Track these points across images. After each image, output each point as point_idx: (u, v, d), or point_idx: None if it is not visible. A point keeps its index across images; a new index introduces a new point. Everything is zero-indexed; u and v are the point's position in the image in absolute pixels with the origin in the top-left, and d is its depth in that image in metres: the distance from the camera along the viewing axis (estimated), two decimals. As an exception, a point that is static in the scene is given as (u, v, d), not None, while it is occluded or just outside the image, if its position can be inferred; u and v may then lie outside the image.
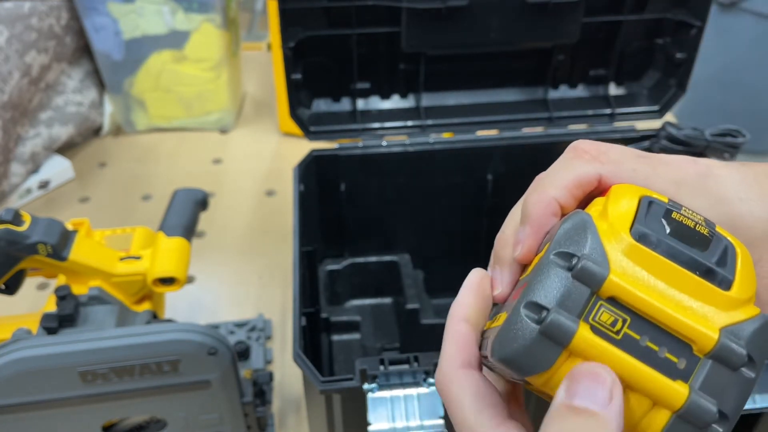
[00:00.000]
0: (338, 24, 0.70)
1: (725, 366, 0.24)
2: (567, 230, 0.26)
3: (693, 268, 0.25)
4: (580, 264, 0.25)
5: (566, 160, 0.30)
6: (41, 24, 0.94)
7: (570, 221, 0.27)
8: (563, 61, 0.76)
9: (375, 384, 0.48)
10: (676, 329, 0.25)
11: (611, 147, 0.30)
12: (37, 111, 0.98)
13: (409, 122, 0.76)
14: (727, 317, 0.25)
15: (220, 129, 1.11)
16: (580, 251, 0.25)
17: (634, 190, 0.28)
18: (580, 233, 0.26)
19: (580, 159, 0.30)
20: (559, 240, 0.26)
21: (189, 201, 0.65)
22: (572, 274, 0.25)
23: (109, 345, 0.48)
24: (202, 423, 0.54)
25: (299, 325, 0.52)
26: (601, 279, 0.24)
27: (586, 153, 0.30)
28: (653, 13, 0.73)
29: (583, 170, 0.29)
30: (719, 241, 0.26)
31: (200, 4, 0.98)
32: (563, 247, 0.26)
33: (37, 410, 0.49)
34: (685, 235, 0.26)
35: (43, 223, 0.55)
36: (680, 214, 0.27)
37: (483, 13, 0.69)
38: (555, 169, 0.30)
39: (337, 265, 0.79)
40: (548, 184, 0.29)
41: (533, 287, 0.25)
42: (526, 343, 0.25)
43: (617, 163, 0.30)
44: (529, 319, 0.25)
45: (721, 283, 0.25)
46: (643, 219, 0.26)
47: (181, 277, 0.58)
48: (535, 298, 0.25)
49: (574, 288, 0.25)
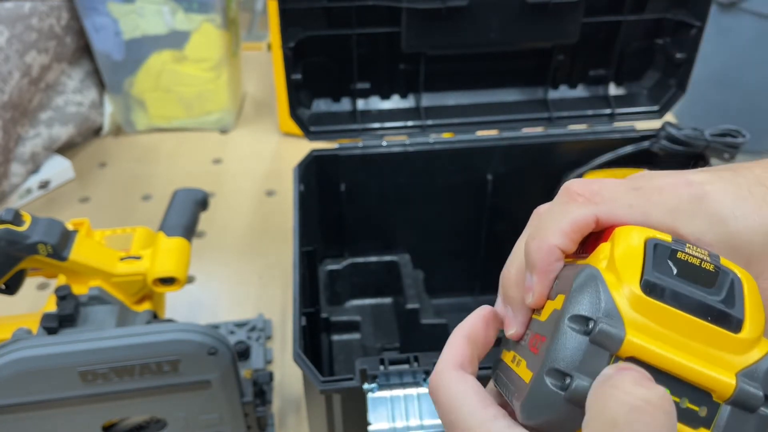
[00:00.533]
0: (338, 24, 0.70)
1: (744, 409, 0.25)
2: (577, 289, 0.27)
3: (704, 314, 0.26)
4: (597, 328, 0.25)
5: (561, 204, 0.30)
6: (41, 24, 0.94)
7: (579, 278, 0.27)
8: (563, 61, 0.76)
9: (375, 384, 0.48)
10: (695, 380, 0.25)
11: (603, 185, 0.30)
12: (37, 111, 0.98)
13: (409, 122, 0.76)
14: (741, 360, 0.26)
15: (220, 129, 1.11)
16: (594, 314, 0.26)
17: (637, 233, 0.28)
18: (592, 293, 0.26)
19: (574, 202, 0.30)
20: (571, 302, 0.26)
21: (189, 201, 0.65)
22: (590, 339, 0.25)
23: (109, 345, 0.48)
24: (202, 423, 0.54)
25: (299, 325, 0.52)
26: (618, 342, 0.25)
27: (579, 196, 0.30)
28: (653, 13, 0.73)
29: (579, 214, 0.29)
30: (725, 275, 0.27)
31: (200, 4, 0.98)
32: (577, 310, 0.26)
33: (37, 410, 0.49)
34: (693, 275, 0.27)
35: (44, 223, 0.55)
36: (685, 253, 0.27)
37: (483, 13, 0.69)
38: (551, 214, 0.30)
39: (337, 265, 0.79)
40: (547, 231, 0.30)
41: (553, 353, 0.26)
42: (554, 410, 0.26)
43: (612, 202, 0.30)
44: (553, 387, 0.26)
45: (733, 326, 0.26)
46: (650, 267, 0.26)
47: (182, 277, 0.58)
48: (557, 365, 0.26)
49: (593, 352, 0.25)
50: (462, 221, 0.80)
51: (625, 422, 0.22)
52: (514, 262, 0.32)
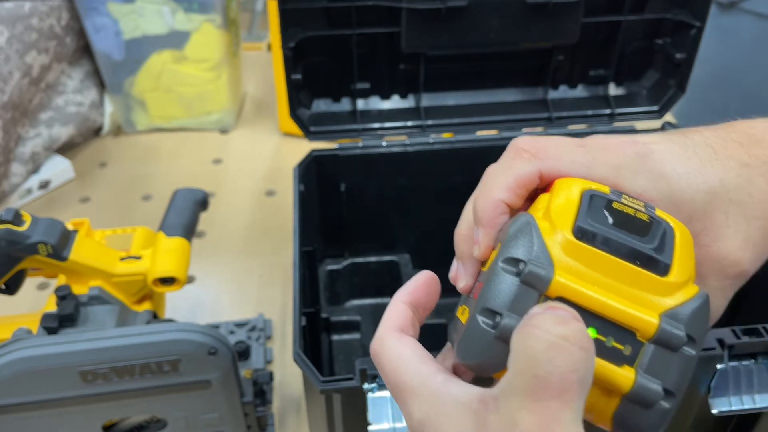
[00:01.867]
0: (338, 24, 0.70)
1: (667, 348, 0.26)
2: (512, 235, 0.28)
3: (633, 258, 0.27)
4: (527, 269, 0.26)
5: (507, 160, 0.31)
6: (42, 24, 0.94)
7: (515, 225, 0.28)
8: (563, 62, 0.76)
9: (375, 384, 0.48)
10: (620, 320, 0.26)
11: (549, 142, 0.31)
12: (37, 111, 0.98)
13: (409, 122, 0.76)
14: (666, 302, 0.27)
15: (220, 129, 1.11)
16: (526, 256, 0.27)
17: (576, 183, 0.29)
18: (525, 236, 0.27)
19: (519, 158, 0.31)
20: (506, 246, 0.28)
21: (189, 201, 0.65)
22: (520, 279, 0.26)
23: (109, 345, 0.48)
24: (202, 423, 0.54)
25: (299, 325, 0.52)
26: (546, 281, 0.26)
27: (525, 152, 0.31)
28: (653, 13, 0.73)
29: (523, 170, 0.30)
30: (659, 225, 0.28)
31: (200, 4, 0.98)
32: (510, 253, 0.27)
33: (37, 410, 0.49)
34: (627, 224, 0.28)
35: (44, 223, 0.55)
36: (621, 203, 0.28)
37: (483, 13, 0.69)
38: (498, 170, 0.31)
39: (337, 265, 0.79)
40: (493, 186, 0.31)
41: (486, 294, 0.27)
42: (485, 347, 0.27)
43: (556, 158, 0.30)
44: (485, 325, 0.27)
45: (660, 270, 0.27)
46: (584, 214, 0.28)
47: (182, 277, 0.58)
48: (489, 304, 0.27)
49: (523, 292, 0.26)
50: (462, 221, 0.80)
51: (544, 359, 0.23)
52: (465, 219, 0.33)
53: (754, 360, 0.50)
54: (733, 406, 0.50)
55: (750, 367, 0.49)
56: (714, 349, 0.48)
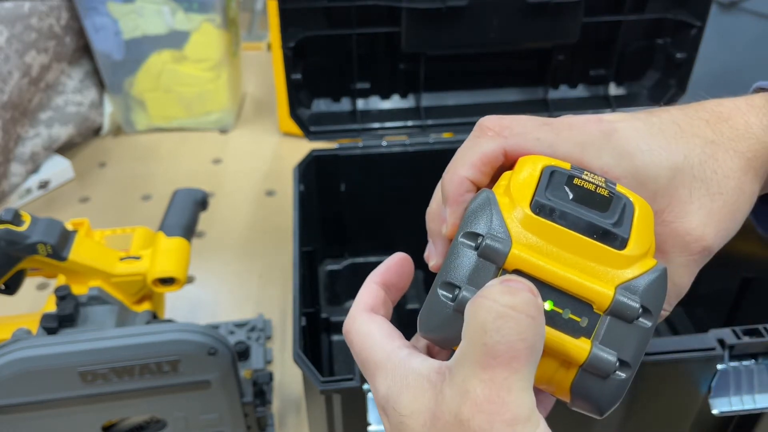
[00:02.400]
0: (338, 24, 0.70)
1: (622, 319, 0.27)
2: (472, 210, 0.28)
3: (590, 232, 0.27)
4: (484, 243, 0.27)
5: (472, 138, 0.32)
6: (41, 24, 0.94)
7: (476, 201, 0.29)
8: (563, 61, 0.76)
9: (375, 384, 0.48)
10: (576, 292, 0.27)
11: (515, 120, 0.31)
12: (37, 111, 0.98)
13: (409, 122, 0.76)
14: (623, 274, 0.27)
15: (220, 129, 1.11)
16: (484, 230, 0.27)
17: (538, 160, 0.29)
18: (485, 212, 0.28)
19: (484, 136, 0.31)
20: (466, 221, 0.28)
21: (189, 201, 0.65)
22: (478, 253, 0.27)
23: (109, 345, 0.48)
24: (202, 423, 0.54)
25: (299, 325, 0.52)
26: (503, 255, 0.27)
27: (489, 130, 0.31)
28: (653, 13, 0.73)
29: (487, 147, 0.31)
30: (618, 200, 0.28)
31: (200, 4, 0.98)
32: (469, 228, 0.28)
33: (37, 410, 0.49)
34: (587, 199, 0.28)
35: (43, 223, 0.55)
36: (581, 179, 0.29)
37: (483, 13, 0.69)
38: (464, 149, 0.32)
39: (337, 265, 0.79)
40: (458, 164, 0.32)
41: (447, 268, 0.28)
42: (444, 319, 0.28)
43: (520, 136, 0.31)
44: (444, 298, 0.28)
45: (617, 243, 0.27)
46: (543, 190, 0.28)
47: (181, 277, 0.58)
48: (449, 278, 0.27)
49: (481, 265, 0.27)
50: (462, 221, 0.80)
51: (492, 328, 0.23)
52: (435, 198, 0.34)
53: (755, 360, 0.50)
54: (733, 406, 0.50)
55: (750, 367, 0.49)
56: (714, 349, 0.48)
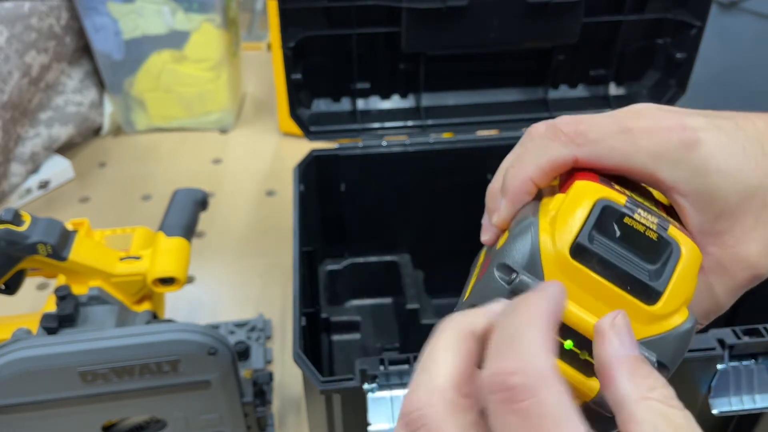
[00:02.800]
0: (338, 24, 0.70)
1: None
2: (513, 237, 0.28)
3: (624, 283, 0.27)
4: (517, 280, 0.27)
5: (545, 139, 0.30)
6: (41, 24, 0.94)
7: (518, 229, 0.28)
8: (563, 61, 0.76)
9: (375, 384, 0.48)
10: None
11: (592, 125, 0.30)
12: (37, 111, 0.98)
13: (409, 122, 0.76)
14: (648, 329, 0.27)
15: (220, 129, 1.11)
16: (519, 265, 0.27)
17: (593, 192, 0.29)
18: (524, 244, 0.28)
19: (557, 140, 0.30)
20: (503, 250, 0.28)
21: (189, 201, 0.65)
22: (510, 288, 0.27)
23: (109, 345, 0.48)
24: (202, 423, 0.54)
25: (299, 325, 0.52)
26: None
27: (563, 135, 0.30)
28: (653, 13, 0.73)
29: (558, 153, 0.30)
30: (666, 246, 0.28)
31: (200, 4, 0.98)
32: (505, 258, 0.28)
33: (37, 410, 0.49)
34: (633, 241, 0.28)
35: (43, 223, 0.55)
36: (632, 219, 0.28)
37: (483, 13, 0.69)
38: (535, 146, 0.31)
39: (337, 265, 0.79)
40: (527, 162, 0.30)
41: (477, 292, 0.28)
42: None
43: (595, 144, 0.29)
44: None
45: (650, 298, 0.27)
46: (590, 229, 0.28)
47: (181, 277, 0.58)
48: (476, 302, 0.28)
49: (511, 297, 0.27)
50: (462, 221, 0.80)
51: None
52: (498, 178, 0.33)
53: (755, 360, 0.50)
54: (733, 406, 0.50)
55: (750, 367, 0.49)
56: (714, 349, 0.48)
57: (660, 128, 0.29)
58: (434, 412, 0.22)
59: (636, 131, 0.29)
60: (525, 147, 0.32)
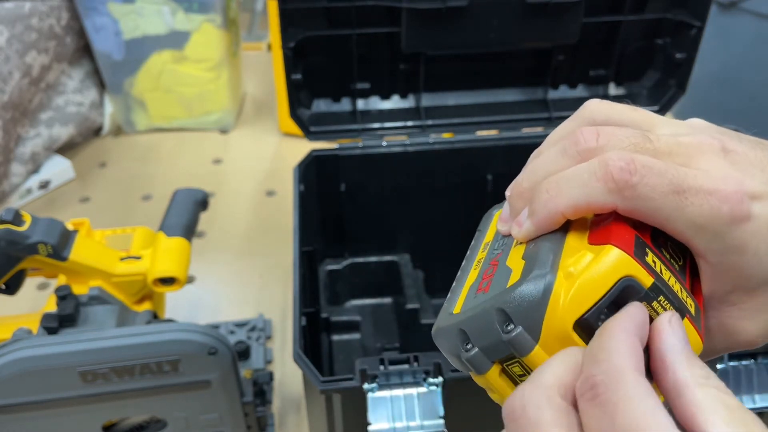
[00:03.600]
0: (338, 24, 0.70)
1: None
2: (523, 290, 0.27)
3: None
4: (512, 335, 0.27)
5: (592, 174, 0.27)
6: (41, 24, 0.94)
7: (531, 283, 0.27)
8: (563, 61, 0.76)
9: (375, 384, 0.48)
10: None
11: (648, 176, 0.27)
12: (37, 111, 0.98)
13: (409, 122, 0.76)
14: None
15: (220, 129, 1.11)
16: (521, 320, 0.27)
17: (621, 266, 0.27)
18: (531, 304, 0.27)
19: (603, 183, 0.27)
20: (511, 297, 0.27)
21: (189, 201, 0.65)
22: (503, 337, 0.27)
23: (109, 345, 0.48)
24: (202, 423, 0.54)
25: (299, 325, 0.52)
26: (521, 354, 0.27)
27: (612, 181, 0.27)
28: (653, 13, 0.73)
29: (600, 199, 0.27)
30: None
31: (200, 4, 0.98)
32: (508, 307, 0.27)
33: (37, 410, 0.49)
34: None
35: (44, 223, 0.55)
36: (650, 306, 0.27)
37: (483, 13, 0.69)
38: (578, 178, 0.28)
39: (337, 265, 0.79)
40: (563, 193, 0.28)
41: (472, 322, 0.28)
42: (457, 361, 0.30)
43: (642, 201, 0.27)
44: (460, 342, 0.29)
45: None
46: (603, 306, 0.26)
47: (182, 277, 0.58)
48: (469, 333, 0.28)
49: (500, 344, 0.27)
50: (462, 221, 0.80)
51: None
52: (530, 178, 0.31)
53: (754, 360, 0.50)
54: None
55: (750, 367, 0.49)
56: (714, 349, 0.48)
57: (716, 194, 0.27)
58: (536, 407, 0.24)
59: (689, 194, 0.27)
60: (565, 160, 0.29)
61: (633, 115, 0.31)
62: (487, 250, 0.33)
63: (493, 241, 0.33)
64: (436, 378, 0.48)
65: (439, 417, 0.47)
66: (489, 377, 0.28)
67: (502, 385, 0.28)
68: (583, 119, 0.33)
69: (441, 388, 0.48)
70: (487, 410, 0.37)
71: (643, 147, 0.28)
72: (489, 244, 0.34)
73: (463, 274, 0.33)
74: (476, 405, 0.49)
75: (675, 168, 0.27)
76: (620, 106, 0.32)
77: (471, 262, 0.34)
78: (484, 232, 0.35)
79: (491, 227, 0.35)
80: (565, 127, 0.33)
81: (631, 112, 0.32)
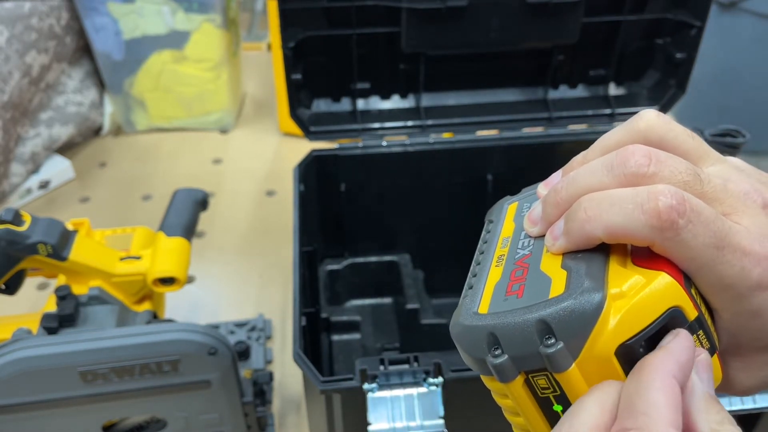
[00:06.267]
0: (338, 24, 0.70)
1: None
2: (570, 305, 0.26)
3: None
4: (552, 350, 0.25)
5: (638, 206, 0.26)
6: (41, 24, 0.94)
7: (581, 299, 0.26)
8: (563, 61, 0.76)
9: (375, 384, 0.48)
10: None
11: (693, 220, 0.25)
12: (37, 111, 0.98)
13: (409, 122, 0.76)
14: None
15: (220, 129, 1.11)
16: (563, 337, 0.25)
17: (671, 296, 0.26)
18: (580, 322, 0.25)
19: (648, 218, 0.25)
20: (558, 311, 0.26)
21: (189, 201, 0.65)
22: (539, 350, 0.25)
23: (109, 345, 0.48)
24: (202, 423, 0.54)
25: (299, 325, 0.52)
26: (558, 371, 0.26)
27: (658, 220, 0.25)
28: (653, 13, 0.73)
29: (640, 233, 0.26)
30: None
31: (200, 4, 0.98)
32: (554, 319, 0.25)
33: (37, 410, 0.49)
34: None
35: (44, 223, 0.55)
36: (696, 335, 0.27)
37: (483, 13, 0.69)
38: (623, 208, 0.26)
39: (337, 265, 0.79)
40: (604, 216, 0.27)
41: (508, 329, 0.26)
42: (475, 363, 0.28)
43: (680, 247, 0.26)
44: (487, 346, 0.27)
45: None
46: (648, 333, 0.26)
47: (181, 277, 0.58)
48: (500, 338, 0.27)
49: (535, 356, 0.26)
50: (462, 221, 0.80)
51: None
52: (569, 189, 0.29)
53: (755, 360, 0.49)
54: (733, 406, 0.50)
55: (750, 367, 0.49)
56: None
57: (751, 255, 0.26)
58: None
59: (727, 250, 0.26)
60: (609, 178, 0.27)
61: (687, 144, 0.29)
62: (509, 246, 0.31)
63: (514, 238, 0.31)
64: (436, 378, 0.48)
65: (439, 417, 0.47)
66: (511, 386, 0.27)
67: (522, 395, 0.27)
68: (637, 133, 0.29)
69: (441, 388, 0.48)
70: (487, 410, 0.37)
71: (693, 187, 0.27)
72: (509, 240, 0.32)
73: (481, 268, 0.31)
74: (476, 405, 0.50)
75: (721, 220, 0.26)
76: (679, 128, 0.30)
77: (489, 255, 0.31)
78: (499, 225, 0.33)
79: (506, 221, 0.33)
80: (616, 136, 0.30)
81: (687, 139, 0.29)
